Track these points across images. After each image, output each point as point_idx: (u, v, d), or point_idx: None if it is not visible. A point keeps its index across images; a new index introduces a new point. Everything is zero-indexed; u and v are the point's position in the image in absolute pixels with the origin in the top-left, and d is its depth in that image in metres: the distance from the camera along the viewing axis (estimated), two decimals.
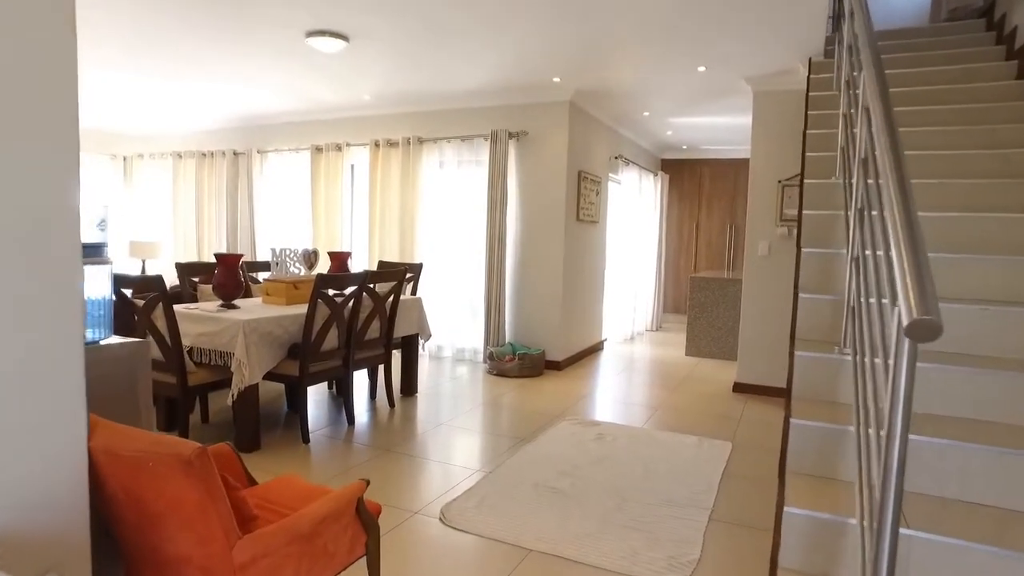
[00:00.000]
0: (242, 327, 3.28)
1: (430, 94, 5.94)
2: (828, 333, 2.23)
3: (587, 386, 5.37)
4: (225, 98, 6.30)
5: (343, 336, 3.83)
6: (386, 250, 6.44)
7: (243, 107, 6.71)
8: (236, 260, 3.67)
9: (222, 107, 6.73)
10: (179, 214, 7.76)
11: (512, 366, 5.61)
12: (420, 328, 4.79)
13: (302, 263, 4.19)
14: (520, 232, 6.02)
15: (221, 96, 6.22)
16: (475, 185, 6.21)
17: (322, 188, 6.77)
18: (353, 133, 6.70)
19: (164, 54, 4.96)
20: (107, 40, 4.68)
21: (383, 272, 4.06)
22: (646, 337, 8.17)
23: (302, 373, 3.57)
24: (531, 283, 6.00)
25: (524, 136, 5.91)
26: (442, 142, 6.21)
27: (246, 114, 7.05)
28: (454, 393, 4.99)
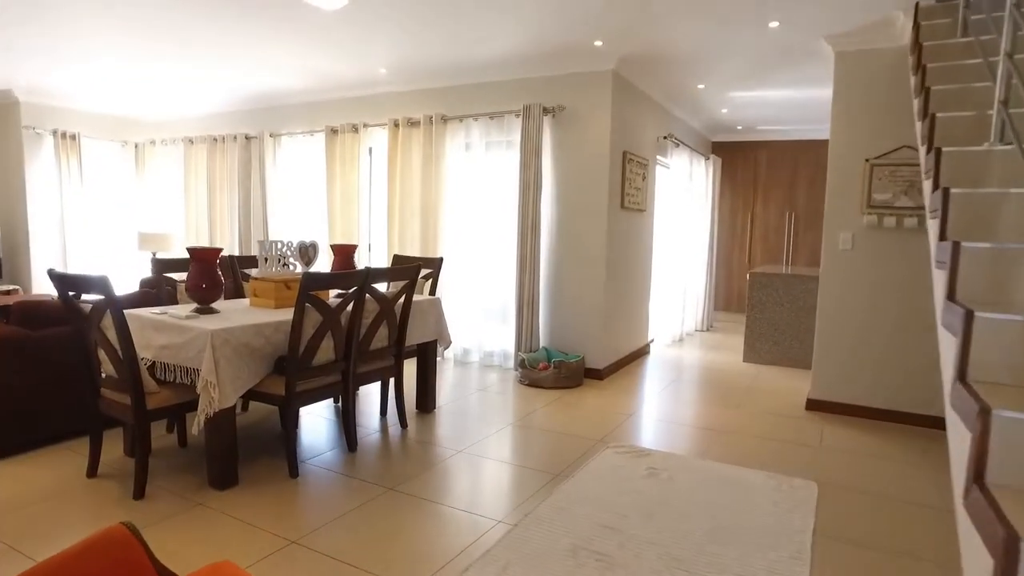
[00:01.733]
0: (210, 338, 2.65)
1: (453, 66, 5.24)
2: (1019, 373, 1.47)
3: (633, 401, 4.63)
4: (234, 78, 5.71)
5: (341, 346, 3.18)
6: (406, 243, 5.79)
7: (253, 87, 6.13)
8: (213, 256, 3.04)
9: (232, 88, 6.16)
10: (191, 203, 7.25)
11: (546, 376, 4.90)
12: (438, 334, 4.12)
13: (298, 258, 3.56)
14: (556, 221, 5.30)
15: (229, 76, 5.64)
16: (505, 168, 5.51)
17: (338, 174, 6.15)
18: (371, 112, 6.06)
19: (166, 35, 4.40)
20: (112, 25, 4.14)
21: (390, 270, 3.40)
22: (696, 339, 7.36)
23: (288, 393, 2.93)
24: (569, 279, 5.28)
25: (560, 112, 5.18)
26: (468, 120, 5.52)
27: (257, 94, 6.47)
28: (479, 409, 4.31)
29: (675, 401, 4.65)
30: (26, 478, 2.96)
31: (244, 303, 3.48)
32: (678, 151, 6.76)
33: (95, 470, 2.98)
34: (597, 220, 5.12)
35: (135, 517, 2.58)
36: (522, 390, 4.85)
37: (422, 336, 3.96)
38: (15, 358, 3.17)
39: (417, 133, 5.72)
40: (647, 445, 3.67)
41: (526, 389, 4.88)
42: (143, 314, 2.97)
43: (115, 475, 3.00)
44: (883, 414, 4.24)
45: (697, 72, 5.30)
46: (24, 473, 3.02)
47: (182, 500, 2.75)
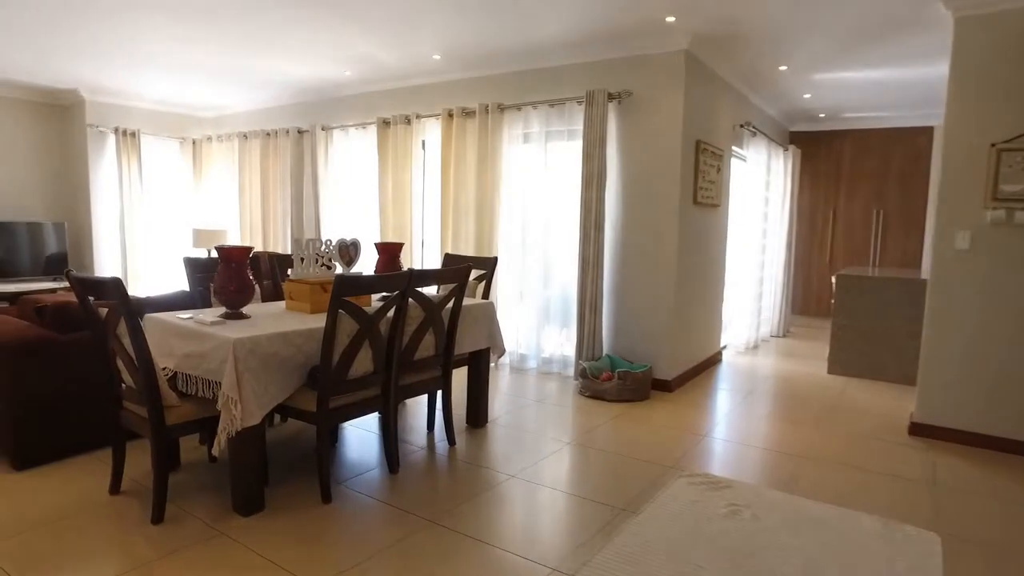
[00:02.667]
0: (232, 348, 2.36)
1: (510, 50, 4.87)
2: None
3: (706, 418, 4.15)
4: (285, 70, 5.52)
5: (381, 357, 2.86)
6: (460, 241, 5.46)
7: (306, 79, 5.93)
8: (243, 255, 2.77)
9: (284, 81, 5.99)
10: (245, 199, 7.16)
11: (610, 387, 4.48)
12: (491, 341, 3.76)
13: (337, 257, 3.26)
14: (622, 217, 4.85)
15: (280, 67, 5.44)
16: (567, 160, 5.10)
17: (390, 168, 5.88)
18: (424, 102, 5.76)
19: (220, 25, 4.22)
20: (167, 19, 4.03)
21: (436, 271, 3.05)
22: (772, 346, 6.76)
23: (321, 409, 2.62)
24: (635, 281, 4.83)
25: (627, 98, 4.72)
26: (527, 109, 5.13)
27: (310, 87, 6.28)
28: (535, 424, 3.93)
29: (753, 419, 4.14)
30: (47, 492, 2.77)
31: (280, 307, 3.20)
32: (755, 141, 6.18)
33: (118, 487, 2.76)
34: (668, 216, 4.65)
35: (149, 545, 2.32)
36: (583, 402, 4.44)
37: (473, 344, 3.61)
38: (42, 362, 2.99)
39: (472, 124, 5.37)
40: (725, 473, 3.21)
41: (587, 401, 4.47)
42: (167, 319, 2.72)
43: (140, 492, 2.77)
44: (1005, 444, 3.62)
45: (781, 51, 4.74)
46: (46, 486, 2.83)
47: (202, 527, 2.48)
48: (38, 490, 2.79)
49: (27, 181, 6.88)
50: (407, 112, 5.76)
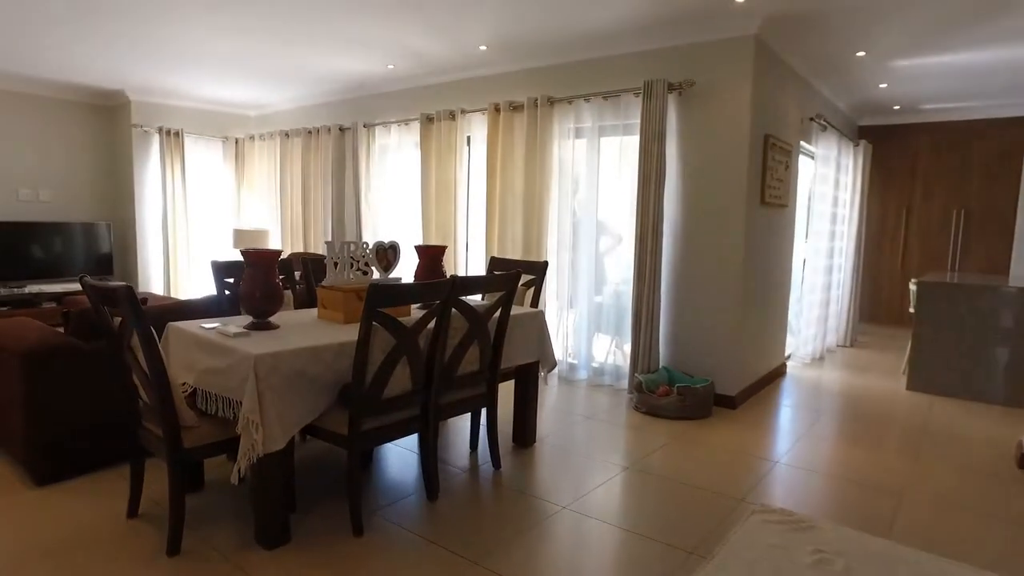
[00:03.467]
0: (253, 365, 2.10)
1: (561, 39, 4.54)
2: None
3: (775, 440, 3.74)
4: (329, 65, 5.32)
5: (420, 373, 2.57)
6: (506, 243, 5.15)
7: (348, 75, 5.72)
8: (270, 259, 2.52)
9: (327, 77, 5.79)
10: (286, 199, 7.01)
11: (668, 403, 4.10)
12: (541, 354, 3.44)
13: (374, 261, 2.99)
14: (682, 218, 4.47)
15: (324, 63, 5.24)
16: (622, 157, 4.74)
17: (433, 166, 5.62)
18: (469, 96, 5.47)
19: (257, 22, 4.01)
20: (209, 16, 3.88)
21: (482, 279, 2.75)
22: (839, 357, 6.25)
23: (352, 432, 2.35)
24: (696, 286, 4.44)
25: (689, 88, 4.34)
26: (578, 102, 4.79)
27: (352, 83, 6.07)
28: (586, 445, 3.59)
29: (830, 442, 3.71)
30: (61, 514, 2.57)
31: (312, 315, 2.95)
32: (825, 135, 5.70)
33: (136, 510, 2.55)
34: (732, 217, 4.25)
35: None
36: (638, 419, 4.08)
37: (521, 357, 3.29)
38: (63, 371, 2.81)
39: (520, 118, 5.06)
40: (805, 509, 2.81)
41: (642, 418, 4.11)
42: (189, 329, 2.49)
43: (159, 517, 2.55)
44: None
45: (861, 34, 4.28)
46: (61, 506, 2.64)
47: (221, 560, 2.24)
48: (52, 511, 2.60)
49: (78, 182, 6.89)
50: (452, 107, 5.49)
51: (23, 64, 5.70)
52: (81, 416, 2.88)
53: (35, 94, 6.54)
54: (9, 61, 5.55)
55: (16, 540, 2.36)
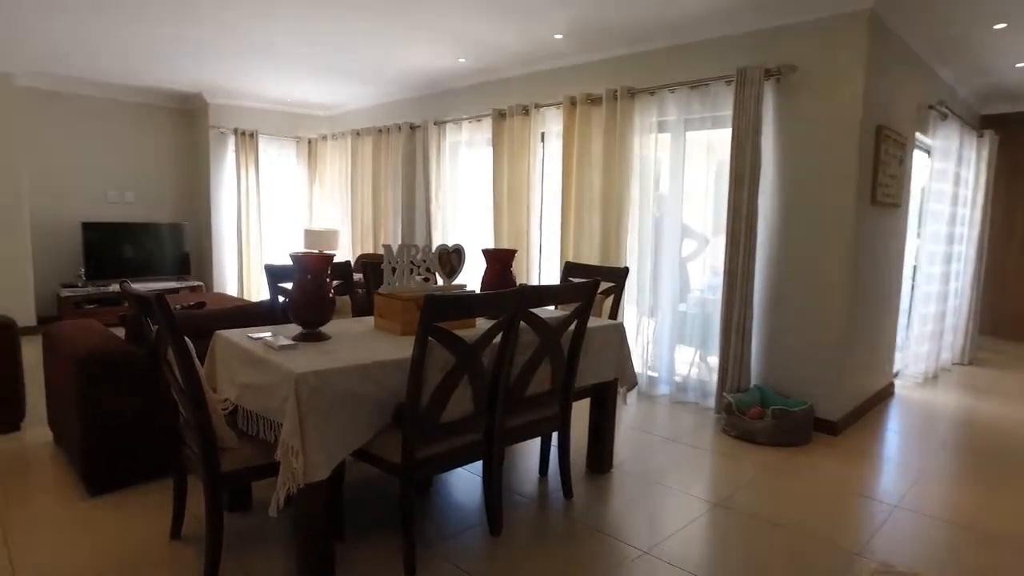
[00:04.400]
0: (294, 385, 1.86)
1: (644, 25, 4.15)
2: None
3: (892, 478, 3.23)
4: (400, 60, 5.13)
5: (483, 394, 2.28)
6: (583, 246, 4.81)
7: (418, 71, 5.52)
8: (321, 264, 2.29)
9: (398, 74, 5.62)
10: (357, 199, 6.92)
11: (761, 427, 3.65)
12: (620, 372, 3.08)
13: (437, 267, 2.73)
14: (779, 220, 4.00)
15: (396, 58, 5.06)
16: (711, 152, 4.31)
17: (505, 164, 5.34)
18: (543, 90, 5.16)
19: (330, 18, 3.89)
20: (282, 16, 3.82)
21: (555, 288, 2.43)
22: (955, 376, 5.54)
23: (406, 460, 2.08)
24: (795, 296, 3.96)
25: (790, 74, 3.87)
26: (662, 93, 4.39)
27: (422, 80, 5.88)
28: (669, 473, 3.21)
29: (959, 483, 3.17)
30: (108, 528, 2.43)
31: (368, 324, 2.71)
32: (944, 126, 5.04)
33: (179, 530, 2.38)
34: (839, 219, 3.75)
35: None
36: (726, 444, 3.65)
37: (598, 375, 2.95)
38: (117, 378, 2.69)
39: (598, 112, 4.71)
40: (940, 572, 2.33)
41: (732, 443, 3.67)
42: (235, 339, 2.29)
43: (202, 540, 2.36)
44: None
45: (1001, 1, 3.67)
46: (110, 520, 2.51)
47: None
48: (99, 525, 2.47)
49: (160, 184, 7.05)
50: (525, 102, 5.19)
51: (110, 72, 5.85)
52: (135, 425, 2.75)
53: (121, 100, 6.72)
54: (96, 70, 5.68)
55: (56, 557, 2.23)
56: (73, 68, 5.82)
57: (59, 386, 3.01)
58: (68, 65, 5.71)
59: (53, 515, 2.57)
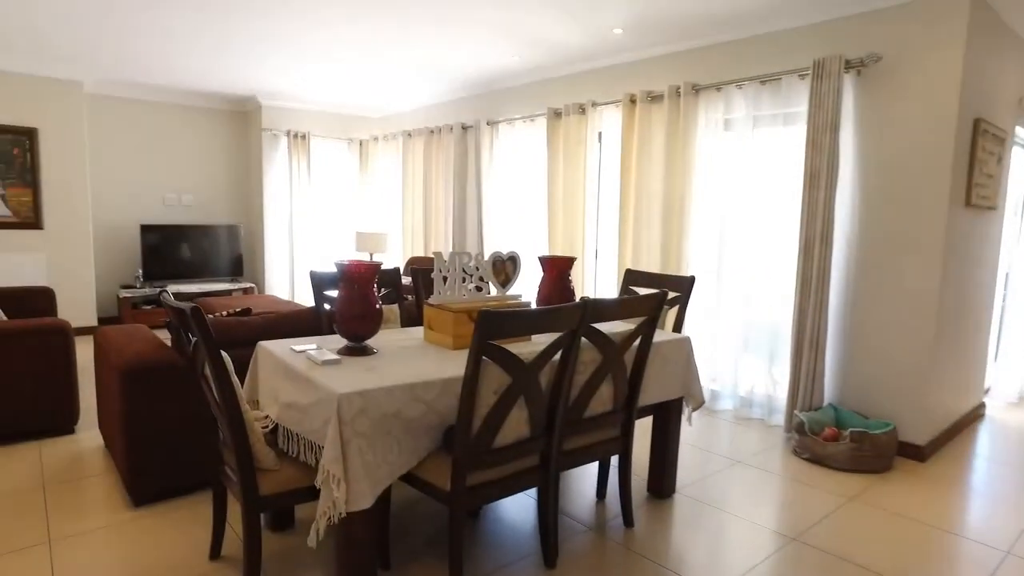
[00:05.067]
0: (336, 407, 1.72)
1: (712, 16, 3.89)
2: None
3: (993, 515, 2.89)
4: (452, 59, 5.00)
5: (540, 416, 2.09)
6: (641, 252, 4.57)
7: (471, 69, 5.38)
8: (367, 274, 2.14)
9: (450, 73, 5.49)
10: (407, 201, 6.83)
11: (837, 450, 3.34)
12: (685, 389, 2.84)
13: (490, 275, 2.55)
14: (859, 224, 3.68)
15: (448, 57, 4.93)
16: (782, 151, 4.02)
17: (560, 165, 5.14)
18: (601, 88, 4.94)
19: (382, 16, 3.79)
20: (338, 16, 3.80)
21: (622, 302, 2.22)
22: None
23: (456, 487, 1.91)
24: (876, 305, 3.63)
25: (874, 65, 3.55)
26: (729, 89, 4.12)
27: (474, 79, 5.73)
28: (737, 500, 2.95)
29: None
30: (147, 544, 2.35)
31: (418, 336, 2.56)
32: None
33: (218, 550, 2.27)
34: (928, 223, 3.41)
35: None
36: (798, 467, 3.36)
37: (662, 393, 2.72)
38: (160, 387, 2.61)
39: (659, 110, 4.46)
40: None
41: (804, 466, 3.38)
42: (277, 352, 2.17)
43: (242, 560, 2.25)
44: None
45: None
46: (150, 534, 2.42)
47: None
48: (139, 539, 2.39)
49: (214, 186, 7.13)
50: (581, 100, 4.98)
51: (170, 77, 5.93)
52: (179, 436, 2.67)
53: (179, 104, 6.81)
54: (157, 75, 5.75)
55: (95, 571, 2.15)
56: (136, 74, 5.91)
57: (105, 392, 2.96)
58: (132, 72, 5.80)
59: (97, 524, 2.50)
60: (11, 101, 5.61)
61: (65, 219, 5.91)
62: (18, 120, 5.68)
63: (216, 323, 2.65)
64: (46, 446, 3.36)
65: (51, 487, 2.86)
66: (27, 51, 5.20)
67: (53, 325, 3.40)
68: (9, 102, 5.60)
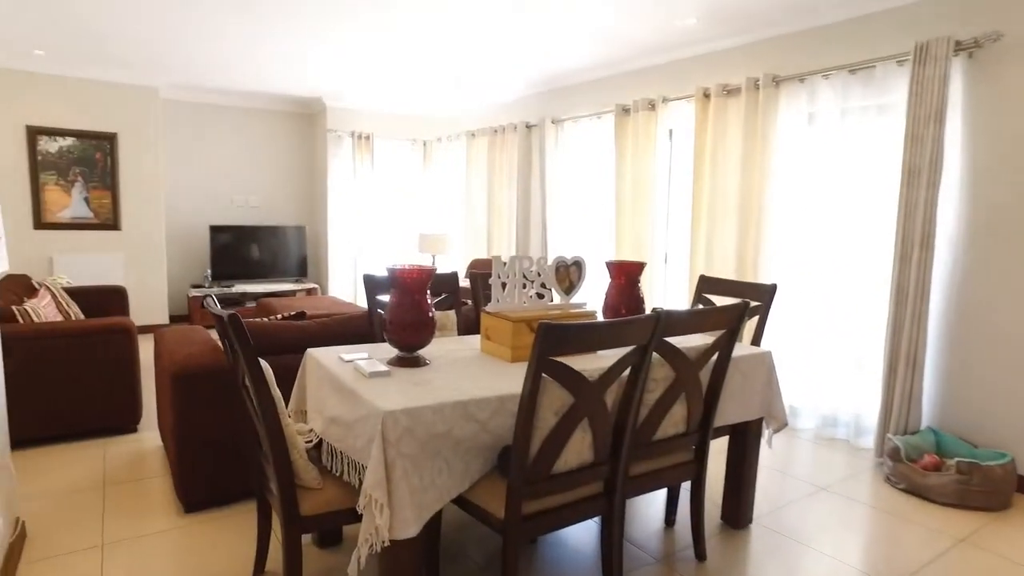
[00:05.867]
0: (381, 424, 1.57)
1: (795, 1, 3.58)
2: None
3: None
4: (518, 55, 4.84)
5: (606, 440, 1.88)
6: (715, 257, 4.28)
7: (535, 66, 5.20)
8: (421, 281, 1.99)
9: (513, 71, 5.34)
10: (470, 202, 6.71)
11: (941, 482, 2.98)
12: (766, 409, 2.57)
13: (553, 282, 2.36)
14: (965, 226, 3.28)
15: (513, 54, 4.78)
16: (874, 147, 3.65)
17: (628, 164, 4.90)
18: (672, 82, 4.67)
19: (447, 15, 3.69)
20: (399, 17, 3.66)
21: (699, 314, 1.98)
22: None
23: (510, 515, 1.73)
24: (986, 319, 3.23)
25: (992, 45, 3.15)
26: (813, 79, 3.79)
27: (538, 77, 5.55)
28: (821, 536, 2.65)
29: None
30: (195, 548, 2.28)
31: (474, 346, 2.39)
32: None
33: (262, 566, 2.16)
34: None
35: None
36: (892, 498, 3.01)
37: (740, 413, 2.46)
38: (211, 391, 2.55)
39: (735, 104, 4.16)
40: None
41: (899, 498, 3.03)
42: (325, 361, 2.04)
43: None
44: None
45: None
46: (198, 541, 2.36)
47: None
48: (187, 547, 2.32)
49: (280, 187, 7.23)
50: (651, 95, 4.72)
51: (240, 82, 6.01)
52: (228, 443, 2.61)
53: (246, 107, 6.93)
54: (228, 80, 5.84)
55: None
56: (206, 79, 6.03)
57: (160, 394, 2.94)
58: (201, 76, 5.92)
59: (149, 530, 2.46)
60: (95, 108, 5.82)
61: (140, 220, 6.09)
62: (101, 126, 5.89)
63: (264, 327, 2.57)
64: (110, 444, 3.39)
65: (110, 487, 2.86)
66: (108, 60, 5.36)
67: (117, 325, 3.43)
68: (93, 109, 5.82)
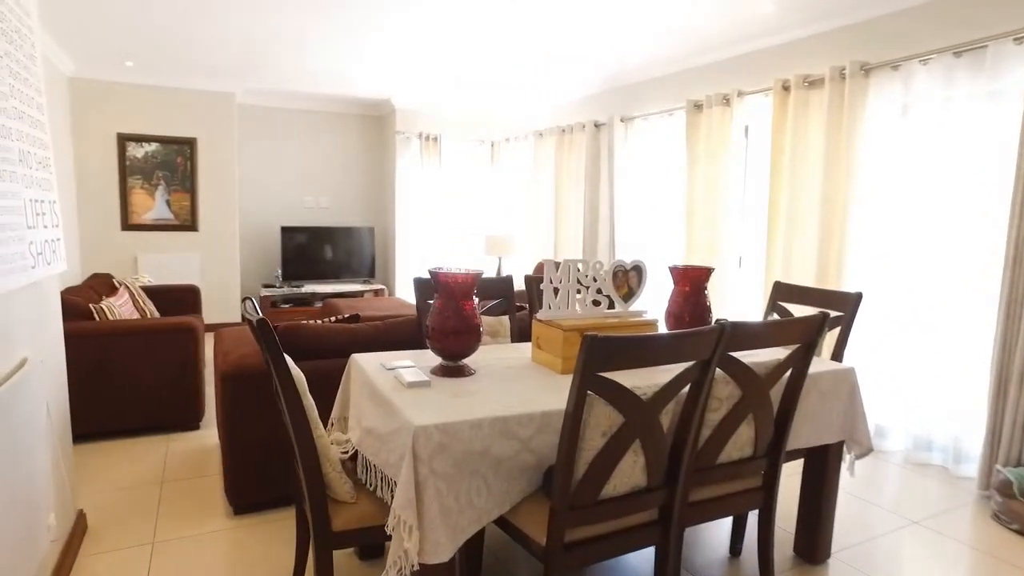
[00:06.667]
0: (413, 440, 1.45)
1: None
2: None
3: None
4: (586, 52, 4.67)
5: (660, 463, 1.70)
6: (793, 261, 3.97)
7: (604, 64, 5.02)
8: (468, 284, 1.87)
9: (582, 69, 5.17)
10: (537, 204, 6.58)
11: None
12: (848, 432, 2.30)
13: (610, 288, 2.19)
14: None
15: (581, 51, 4.62)
16: (981, 140, 3.27)
17: (701, 163, 4.64)
18: (747, 75, 4.39)
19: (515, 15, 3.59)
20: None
21: (767, 327, 1.77)
22: None
23: (552, 542, 1.58)
24: None
25: None
26: (909, 65, 3.44)
27: (608, 74, 5.36)
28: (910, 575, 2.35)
29: None
30: (239, 553, 2.25)
31: (525, 355, 2.26)
32: None
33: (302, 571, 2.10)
34: None
35: None
36: (1000, 538, 2.66)
37: (817, 435, 2.21)
38: (259, 395, 2.52)
39: (818, 96, 3.85)
40: None
41: (1009, 538, 2.67)
42: (368, 368, 1.96)
43: None
44: None
45: None
46: (242, 545, 2.33)
47: None
48: (232, 551, 2.30)
49: (349, 189, 7.33)
50: (725, 90, 4.45)
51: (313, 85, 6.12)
52: (274, 445, 2.58)
53: (318, 110, 7.07)
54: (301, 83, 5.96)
55: None
56: (279, 83, 6.17)
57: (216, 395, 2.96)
58: (274, 81, 6.06)
59: (197, 530, 2.47)
60: (177, 114, 6.07)
61: (216, 222, 6.30)
62: (182, 131, 6.13)
63: (314, 330, 2.53)
64: (173, 441, 3.46)
65: (167, 484, 2.90)
66: (192, 68, 5.55)
67: (182, 324, 3.50)
68: (176, 115, 6.07)
